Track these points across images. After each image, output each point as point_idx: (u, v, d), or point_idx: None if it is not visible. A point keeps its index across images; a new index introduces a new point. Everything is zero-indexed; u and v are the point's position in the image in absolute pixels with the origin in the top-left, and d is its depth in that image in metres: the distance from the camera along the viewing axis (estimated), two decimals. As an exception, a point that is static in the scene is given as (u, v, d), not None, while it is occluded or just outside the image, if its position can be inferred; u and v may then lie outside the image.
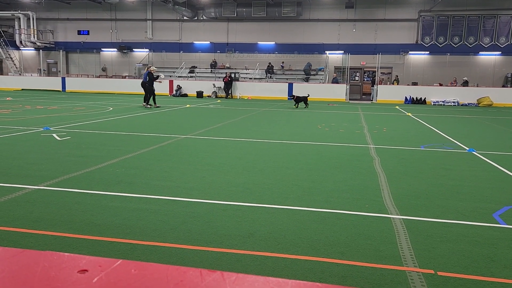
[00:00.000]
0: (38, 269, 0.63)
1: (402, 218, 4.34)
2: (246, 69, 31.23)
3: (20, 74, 33.93)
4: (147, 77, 17.41)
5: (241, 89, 28.00)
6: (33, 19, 33.30)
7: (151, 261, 3.22)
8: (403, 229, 4.03)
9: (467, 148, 8.83)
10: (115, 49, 33.70)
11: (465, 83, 27.10)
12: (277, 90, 27.74)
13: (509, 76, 28.18)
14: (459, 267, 3.26)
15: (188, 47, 32.68)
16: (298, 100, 20.10)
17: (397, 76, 29.04)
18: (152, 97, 17.63)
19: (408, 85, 27.98)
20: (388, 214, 4.46)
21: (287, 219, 4.24)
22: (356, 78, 30.64)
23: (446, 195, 5.27)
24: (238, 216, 4.31)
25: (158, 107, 17.63)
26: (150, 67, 18.24)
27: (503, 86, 27.88)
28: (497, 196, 5.28)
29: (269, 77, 30.10)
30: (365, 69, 30.45)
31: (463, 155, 8.14)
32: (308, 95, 20.65)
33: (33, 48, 34.41)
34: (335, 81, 28.62)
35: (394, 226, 4.12)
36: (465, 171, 6.69)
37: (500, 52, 28.27)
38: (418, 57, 29.55)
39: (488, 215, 4.51)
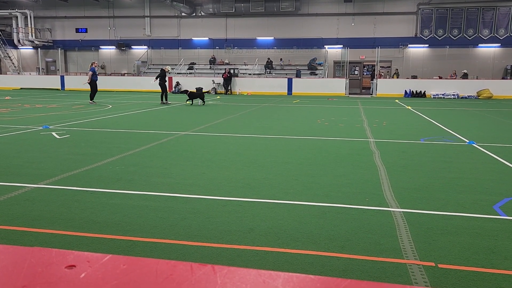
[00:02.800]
0: (25, 265, 0.62)
1: (403, 211, 4.33)
2: (245, 64, 31.16)
3: (18, 73, 33.88)
4: (94, 72, 18.23)
5: (241, 85, 27.94)
6: (30, 17, 33.22)
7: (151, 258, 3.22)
8: (404, 222, 4.02)
9: (467, 141, 8.81)
10: (114, 47, 33.64)
11: (465, 76, 27.04)
12: (276, 85, 27.69)
13: (509, 68, 28.12)
14: (459, 259, 3.25)
15: (187, 44, 32.61)
16: (192, 96, 17.56)
17: (396, 69, 28.98)
18: (164, 94, 18.52)
19: (407, 78, 27.92)
20: (389, 208, 4.45)
21: (287, 214, 4.23)
22: (356, 72, 30.59)
23: (446, 187, 5.26)
24: (238, 211, 4.30)
25: (164, 103, 18.31)
26: (166, 67, 19.56)
27: (503, 78, 27.81)
28: (497, 188, 5.27)
29: (268, 72, 30.04)
30: (364, 63, 30.38)
31: (463, 148, 8.12)
32: (202, 89, 18.62)
33: (31, 47, 34.34)
34: (298, 74, 28.70)
35: (394, 219, 4.11)
36: (465, 164, 6.67)
37: (499, 44, 28.19)
38: (418, 50, 29.47)
39: (488, 207, 4.50)
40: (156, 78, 18.43)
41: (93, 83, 18.01)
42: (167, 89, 18.61)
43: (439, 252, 3.37)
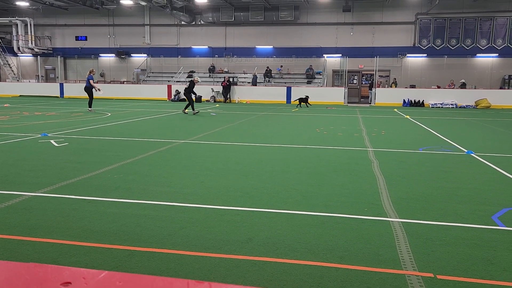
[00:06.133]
0: (20, 282, 0.61)
1: (401, 221, 4.32)
2: (244, 73, 31.25)
3: (18, 80, 33.92)
4: (89, 82, 17.85)
5: (240, 93, 28.01)
6: (30, 25, 33.34)
7: (148, 268, 3.19)
8: (402, 233, 4.01)
9: (466, 150, 8.82)
10: (113, 55, 33.73)
11: (463, 85, 27.14)
12: (275, 94, 27.77)
13: (507, 78, 28.24)
14: (458, 270, 3.24)
15: (186, 52, 32.72)
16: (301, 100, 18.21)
17: (395, 78, 29.09)
18: (191, 105, 17.43)
19: (406, 87, 28.02)
20: (387, 218, 4.44)
21: (285, 224, 4.21)
22: (354, 81, 30.69)
23: (445, 197, 5.26)
24: (236, 221, 4.28)
25: (197, 112, 17.43)
26: (195, 78, 18.26)
27: (501, 88, 27.93)
28: (496, 198, 5.27)
29: (267, 81, 30.12)
30: (363, 72, 30.51)
31: (462, 157, 8.13)
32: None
33: (31, 54, 34.43)
34: (254, 80, 28.85)
35: (393, 229, 4.10)
36: (464, 174, 6.67)
37: (497, 54, 28.35)
38: (416, 60, 29.61)
39: (487, 218, 4.49)
40: (192, 93, 17.31)
41: (89, 90, 17.92)
42: (194, 100, 17.72)
43: (437, 263, 3.36)
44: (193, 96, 17.40)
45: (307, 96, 23.80)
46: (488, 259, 3.46)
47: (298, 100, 23.36)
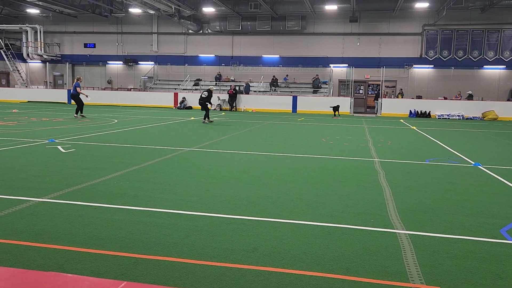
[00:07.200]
0: (38, 291, 0.61)
1: (408, 233, 4.29)
2: (250, 82, 31.35)
3: (26, 86, 34.23)
4: (76, 89, 17.75)
5: (246, 102, 28.07)
6: (40, 32, 33.71)
7: (153, 276, 3.19)
8: (409, 245, 3.98)
9: (473, 162, 8.77)
10: (121, 62, 34.00)
11: (470, 97, 27.04)
12: (281, 103, 27.80)
13: (514, 90, 28.12)
14: (466, 284, 3.20)
15: (193, 60, 32.91)
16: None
17: (401, 89, 29.05)
18: (207, 114, 17.47)
19: (412, 98, 27.97)
20: (394, 229, 4.41)
21: (291, 234, 4.20)
22: (361, 91, 30.69)
23: (452, 210, 5.22)
24: (242, 230, 4.27)
25: (211, 121, 17.44)
26: (211, 87, 18.35)
27: (508, 100, 27.79)
28: (504, 211, 5.22)
29: (274, 90, 30.19)
30: (369, 83, 30.50)
31: (469, 170, 8.07)
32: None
33: (39, 61, 34.77)
34: (247, 88, 29.21)
35: (400, 241, 4.07)
36: (471, 186, 6.62)
37: (504, 66, 28.27)
38: (423, 71, 29.58)
39: (495, 231, 4.45)
40: (209, 102, 17.40)
41: (77, 97, 17.83)
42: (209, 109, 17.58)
43: (445, 276, 3.32)
44: (208, 105, 17.59)
45: (338, 105, 24.95)
46: (497, 273, 3.42)
47: (332, 109, 24.80)
